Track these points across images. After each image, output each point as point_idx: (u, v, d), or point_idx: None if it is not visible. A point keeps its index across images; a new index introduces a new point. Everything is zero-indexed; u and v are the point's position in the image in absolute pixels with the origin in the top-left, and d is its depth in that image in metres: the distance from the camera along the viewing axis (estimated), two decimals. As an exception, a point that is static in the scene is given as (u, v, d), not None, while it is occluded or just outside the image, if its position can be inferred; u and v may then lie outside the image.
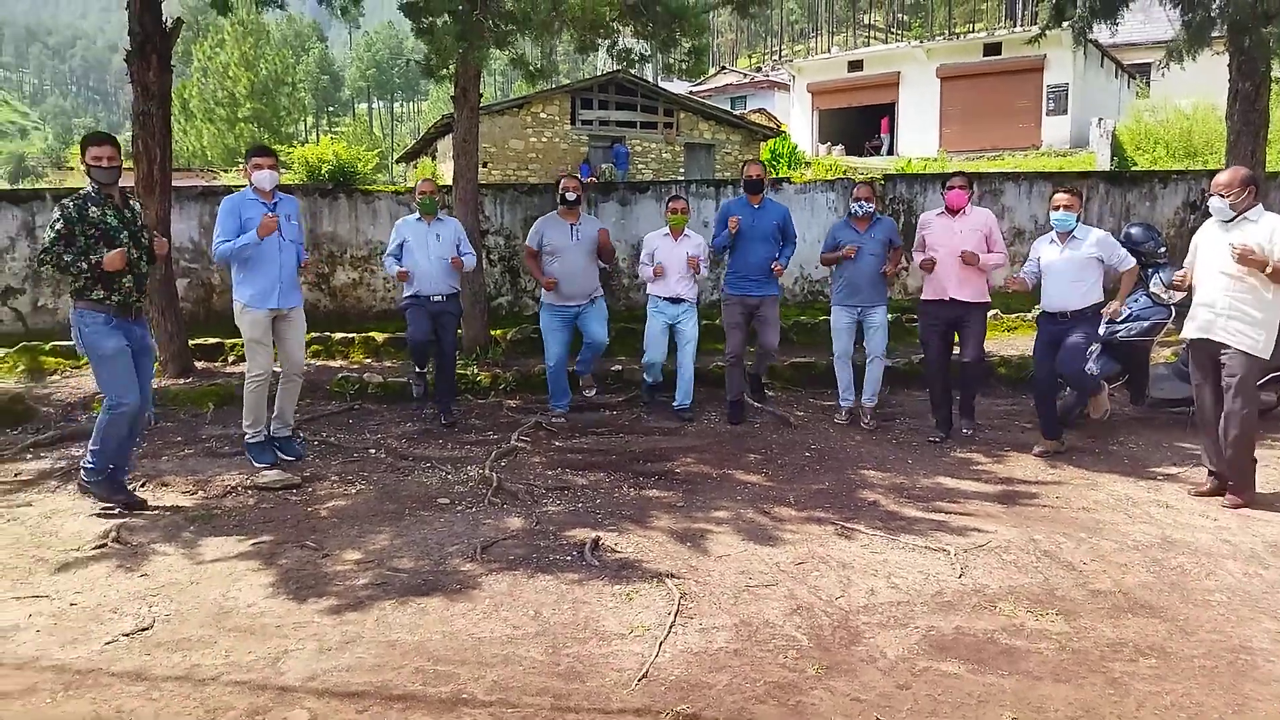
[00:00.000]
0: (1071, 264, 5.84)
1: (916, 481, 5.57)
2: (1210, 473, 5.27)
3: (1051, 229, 6.03)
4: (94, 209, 4.82)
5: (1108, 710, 2.95)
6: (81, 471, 5.05)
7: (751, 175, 7.04)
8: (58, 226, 4.72)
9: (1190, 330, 5.15)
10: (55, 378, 8.13)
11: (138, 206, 5.19)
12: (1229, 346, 4.92)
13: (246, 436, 5.86)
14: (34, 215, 9.88)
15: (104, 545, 4.44)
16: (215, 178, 23.21)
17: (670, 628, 3.52)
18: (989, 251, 6.31)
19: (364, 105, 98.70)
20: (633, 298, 10.76)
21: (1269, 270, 4.73)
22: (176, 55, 8.11)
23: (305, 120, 63.88)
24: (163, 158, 7.82)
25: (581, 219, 7.19)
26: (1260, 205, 4.95)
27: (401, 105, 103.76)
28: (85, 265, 4.74)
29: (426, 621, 3.60)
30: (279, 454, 5.94)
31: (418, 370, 7.35)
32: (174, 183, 8.50)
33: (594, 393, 7.67)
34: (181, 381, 7.89)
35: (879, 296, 6.78)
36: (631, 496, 5.31)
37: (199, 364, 8.56)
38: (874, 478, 5.66)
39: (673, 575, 4.05)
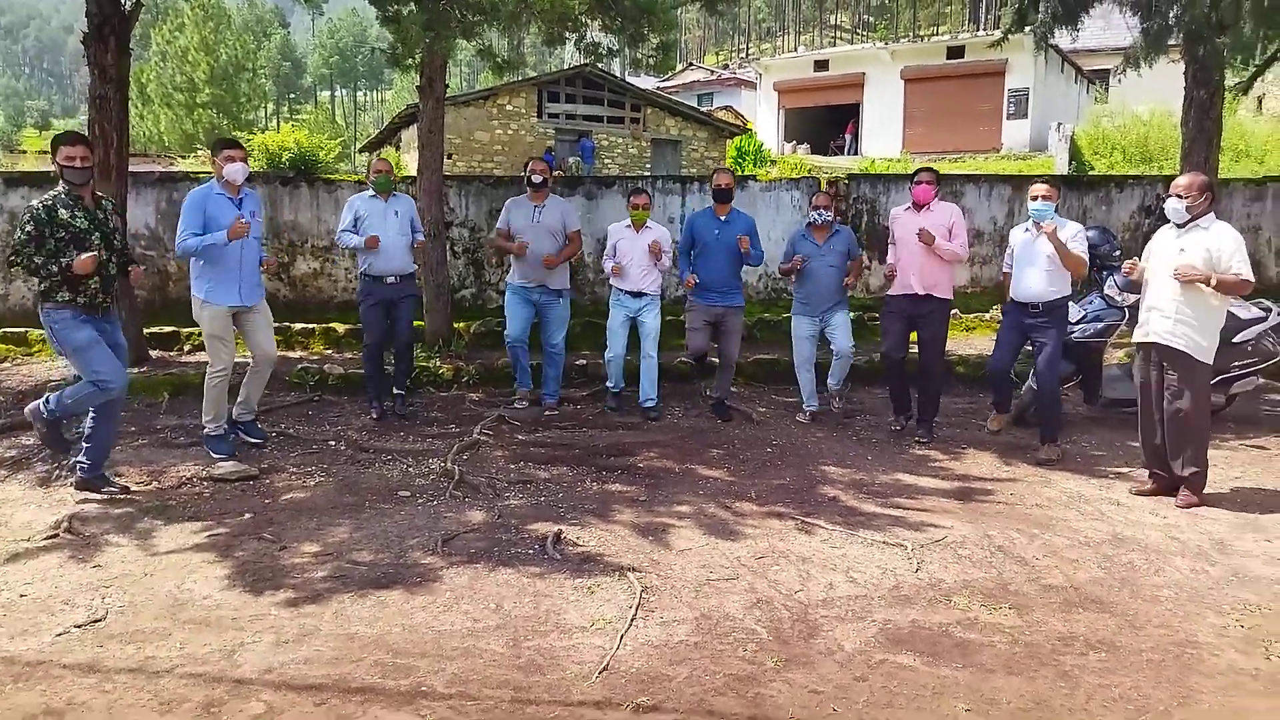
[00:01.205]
0: (1044, 254, 5.84)
1: (875, 478, 5.64)
2: (1150, 473, 5.38)
3: (1029, 219, 6.06)
4: (63, 211, 4.72)
5: (1058, 702, 3.02)
6: (78, 469, 5.00)
7: (721, 185, 6.99)
8: (28, 229, 4.62)
9: (1139, 334, 5.25)
10: (5, 365, 7.95)
11: (110, 206, 5.09)
12: (1175, 350, 5.02)
13: (206, 430, 5.76)
14: (-16, 198, 9.63)
15: (55, 535, 4.36)
16: (172, 163, 22.78)
17: (631, 621, 3.53)
18: (950, 241, 6.33)
19: (326, 93, 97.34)
20: (598, 292, 10.74)
21: (1213, 283, 4.83)
22: (135, 38, 7.96)
23: (266, 107, 62.86)
24: (120, 142, 7.67)
25: (546, 202, 7.11)
26: (1213, 214, 5.06)
27: (365, 94, 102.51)
28: (55, 268, 4.66)
29: (386, 614, 3.58)
30: (243, 436, 5.88)
31: (374, 398, 6.93)
32: (131, 168, 8.34)
33: (555, 414, 7.25)
34: (136, 371, 7.73)
35: (839, 302, 6.84)
36: (594, 491, 5.31)
37: (154, 353, 8.42)
38: (834, 474, 5.72)
39: (634, 569, 4.07)
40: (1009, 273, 6.14)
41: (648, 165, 24.54)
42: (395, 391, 6.98)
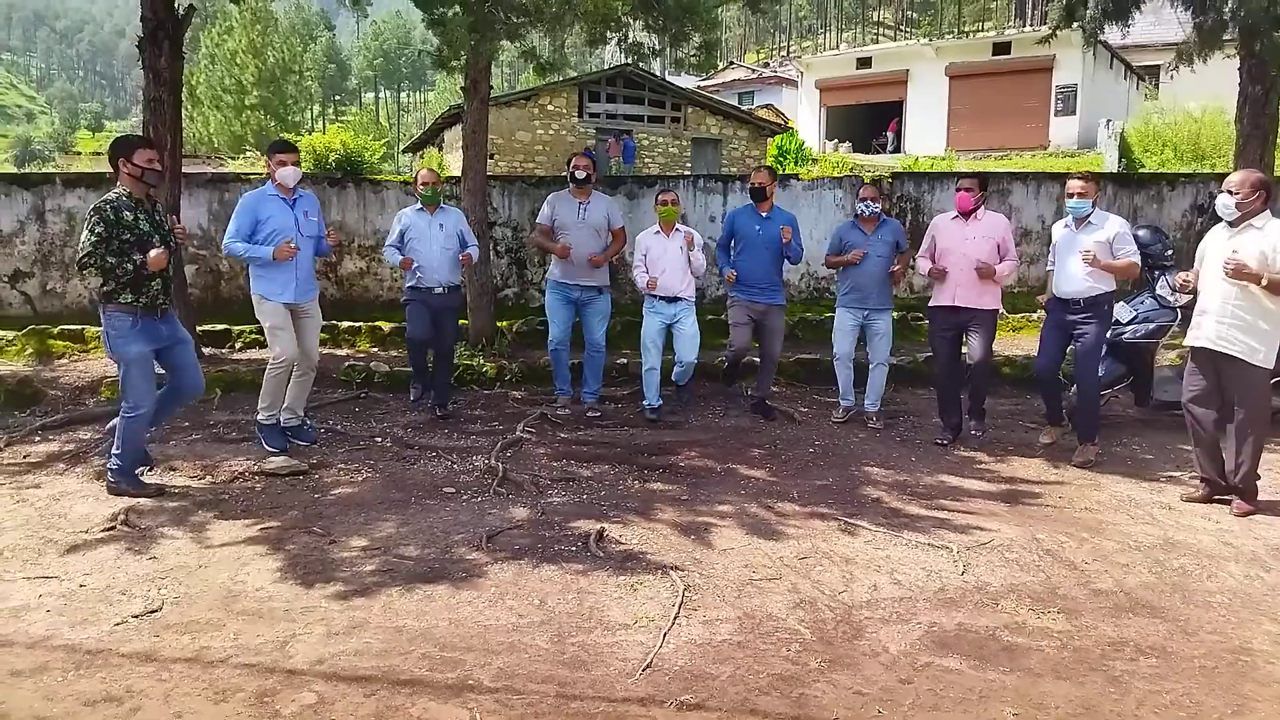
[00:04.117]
0: (1086, 248, 5.72)
1: (919, 479, 5.59)
2: (1201, 479, 5.27)
3: (1068, 214, 5.97)
4: (127, 213, 4.84)
5: (1108, 708, 2.98)
6: (109, 473, 5.08)
7: (756, 183, 6.94)
8: (98, 230, 4.73)
9: (1192, 338, 5.13)
10: (63, 361, 8.17)
11: (162, 209, 5.21)
12: (1230, 356, 4.91)
13: (260, 418, 5.88)
14: (44, 200, 9.90)
15: (113, 528, 4.47)
16: (223, 165, 23.25)
17: (674, 619, 3.55)
18: (1001, 260, 6.21)
19: (371, 94, 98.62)
20: (639, 292, 10.75)
21: (1264, 283, 4.70)
22: (185, 42, 8.13)
23: (312, 109, 63.82)
24: (173, 144, 7.84)
25: (591, 199, 7.11)
26: (1268, 212, 4.91)
27: (408, 95, 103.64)
28: (130, 267, 4.79)
29: (433, 608, 3.63)
30: (293, 440, 5.98)
31: (417, 380, 7.21)
32: (183, 169, 8.52)
33: (597, 415, 7.23)
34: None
35: (885, 301, 6.76)
36: (636, 489, 5.33)
37: (206, 350, 8.59)
38: (877, 474, 5.68)
39: (677, 567, 4.08)
40: (1051, 270, 6.05)
41: (688, 165, 24.52)
42: (436, 405, 7.00)
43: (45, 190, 9.97)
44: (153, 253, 4.80)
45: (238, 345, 8.89)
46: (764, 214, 6.88)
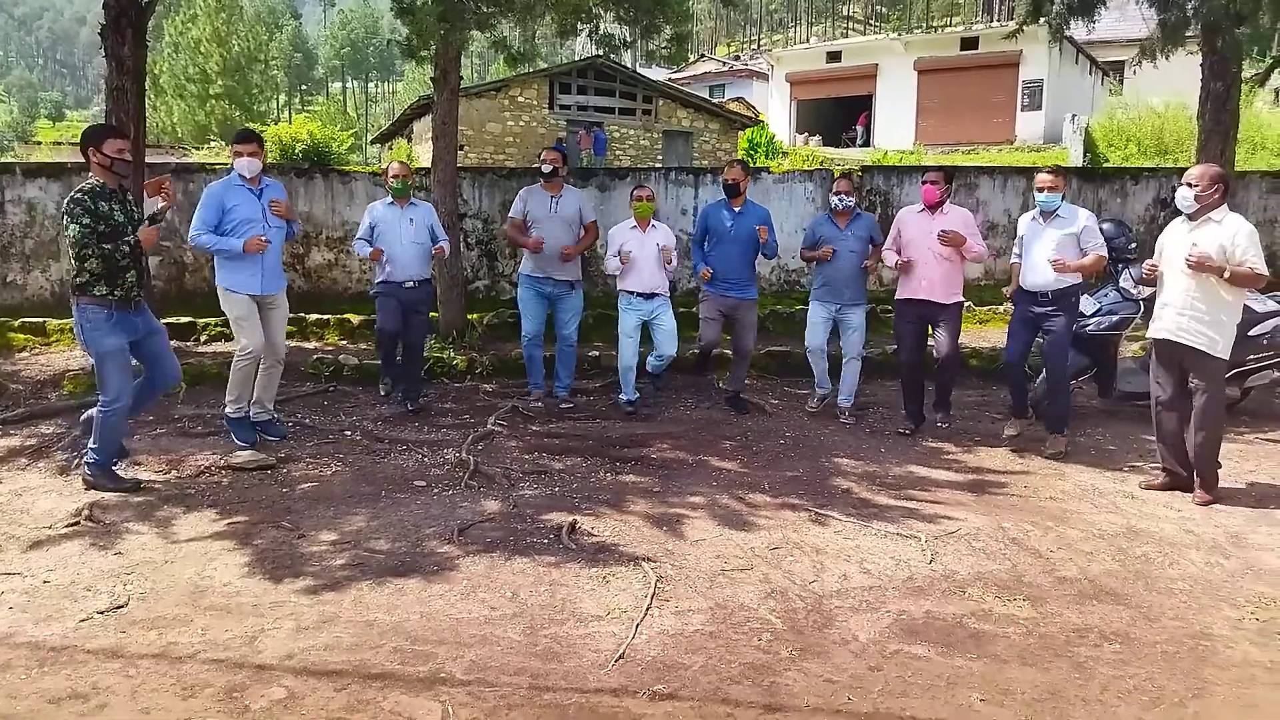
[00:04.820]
0: (1052, 243, 5.82)
1: (889, 470, 5.65)
2: (1163, 469, 5.37)
3: (1036, 208, 6.04)
4: (104, 203, 4.75)
5: (1073, 693, 3.03)
6: (85, 468, 5.00)
7: (729, 179, 6.91)
8: (84, 220, 4.63)
9: (1153, 330, 5.22)
10: (24, 355, 8.02)
11: (130, 198, 5.12)
12: (1190, 348, 5.00)
13: (228, 412, 5.80)
14: (3, 190, 9.68)
15: (77, 523, 4.41)
16: (186, 155, 22.90)
17: (646, 610, 3.56)
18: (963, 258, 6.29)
19: (338, 84, 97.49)
20: (611, 284, 10.70)
21: (1226, 275, 4.79)
22: (148, 29, 7.99)
23: (278, 98, 63.06)
24: (136, 134, 7.71)
25: (563, 192, 7.08)
26: (1226, 206, 5.00)
27: (376, 85, 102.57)
28: (126, 248, 4.73)
29: (404, 602, 3.62)
30: (264, 436, 5.92)
31: (386, 373, 7.20)
32: (146, 159, 8.39)
33: (570, 406, 7.28)
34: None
35: (858, 295, 6.77)
36: (608, 481, 5.34)
37: (171, 343, 8.46)
38: (847, 465, 5.73)
39: (649, 559, 4.09)
40: (1017, 262, 6.11)
41: (659, 157, 24.51)
42: (407, 400, 6.94)
43: (5, 180, 9.75)
44: (145, 228, 4.80)
45: (203, 338, 8.77)
46: (737, 209, 6.88)
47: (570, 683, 3.03)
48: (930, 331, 6.57)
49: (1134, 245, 6.94)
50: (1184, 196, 5.01)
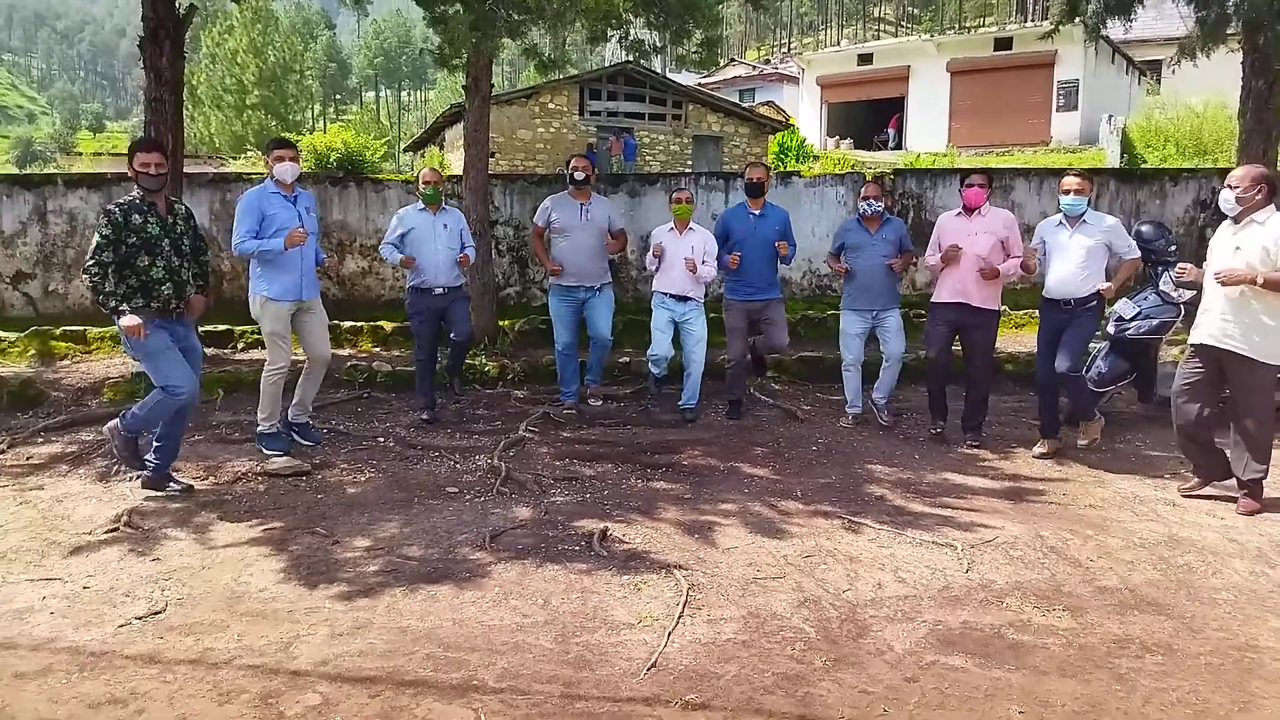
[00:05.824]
0: (1080, 249, 5.72)
1: (923, 477, 5.58)
2: (1194, 468, 5.27)
3: (1059, 213, 5.95)
4: (137, 216, 4.81)
5: (1114, 705, 2.97)
6: (148, 469, 5.07)
7: (752, 179, 6.89)
8: (105, 233, 4.71)
9: (1195, 335, 5.09)
10: (65, 362, 8.17)
11: (182, 211, 5.15)
12: (1234, 353, 4.87)
13: (261, 428, 5.81)
14: (45, 201, 9.91)
15: (116, 530, 4.48)
16: (224, 164, 23.25)
17: (678, 618, 3.54)
18: (1007, 257, 6.14)
19: (371, 93, 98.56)
20: (640, 289, 10.76)
21: (1260, 282, 4.65)
22: (186, 41, 8.12)
23: (313, 108, 63.76)
24: (175, 144, 7.83)
25: (592, 200, 7.10)
26: (1271, 206, 4.87)
27: (409, 94, 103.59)
28: (133, 280, 4.77)
29: (437, 609, 3.63)
30: (297, 439, 5.96)
31: (423, 395, 6.95)
32: (184, 169, 8.52)
33: (599, 403, 7.38)
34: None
35: (892, 299, 6.67)
36: (639, 488, 5.33)
37: (208, 350, 8.57)
38: (881, 472, 5.67)
39: (681, 566, 4.07)
40: (1035, 249, 6.02)
41: (689, 162, 24.48)
42: (450, 383, 6.97)
43: (47, 191, 9.98)
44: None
45: (240, 346, 8.89)
46: (757, 211, 6.84)
47: (602, 691, 3.02)
48: (960, 339, 6.39)
49: (1174, 248, 6.82)
50: (1226, 199, 4.90)
